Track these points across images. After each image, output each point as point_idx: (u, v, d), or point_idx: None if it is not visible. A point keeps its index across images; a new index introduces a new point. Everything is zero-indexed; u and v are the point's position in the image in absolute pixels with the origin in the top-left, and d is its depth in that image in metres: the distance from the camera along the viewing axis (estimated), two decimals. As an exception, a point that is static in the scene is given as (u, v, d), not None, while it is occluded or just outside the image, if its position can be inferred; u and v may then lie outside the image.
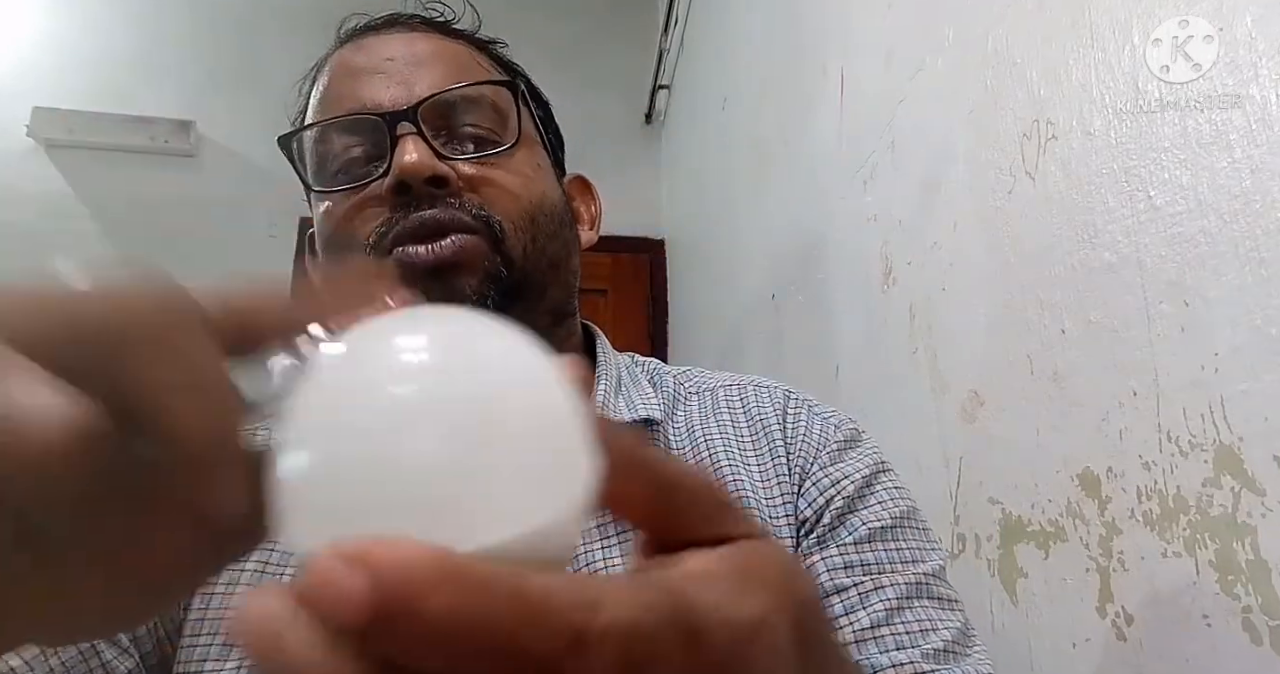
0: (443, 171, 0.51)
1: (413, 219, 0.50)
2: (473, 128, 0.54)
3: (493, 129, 0.55)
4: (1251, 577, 0.47)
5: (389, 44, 0.56)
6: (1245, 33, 0.50)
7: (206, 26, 2.47)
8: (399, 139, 0.51)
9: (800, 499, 0.51)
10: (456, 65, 0.56)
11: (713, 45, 1.93)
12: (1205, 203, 0.53)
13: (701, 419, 0.57)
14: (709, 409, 0.58)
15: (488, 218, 0.51)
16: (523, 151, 0.56)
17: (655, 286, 2.44)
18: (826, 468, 0.52)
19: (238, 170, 2.31)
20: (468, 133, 0.54)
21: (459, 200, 0.51)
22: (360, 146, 0.53)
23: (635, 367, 0.62)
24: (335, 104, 0.55)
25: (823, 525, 0.49)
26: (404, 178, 0.50)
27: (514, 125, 0.55)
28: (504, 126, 0.55)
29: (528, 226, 0.53)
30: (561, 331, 0.58)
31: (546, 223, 0.55)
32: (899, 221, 0.96)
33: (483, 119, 0.55)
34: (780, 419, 0.56)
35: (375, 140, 0.53)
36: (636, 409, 0.54)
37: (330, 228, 0.54)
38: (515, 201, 0.53)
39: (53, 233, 2.18)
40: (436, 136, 0.52)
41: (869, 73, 1.06)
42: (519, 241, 0.52)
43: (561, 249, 0.56)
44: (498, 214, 0.52)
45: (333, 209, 0.54)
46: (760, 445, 0.54)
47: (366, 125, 0.53)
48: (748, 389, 0.59)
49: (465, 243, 0.50)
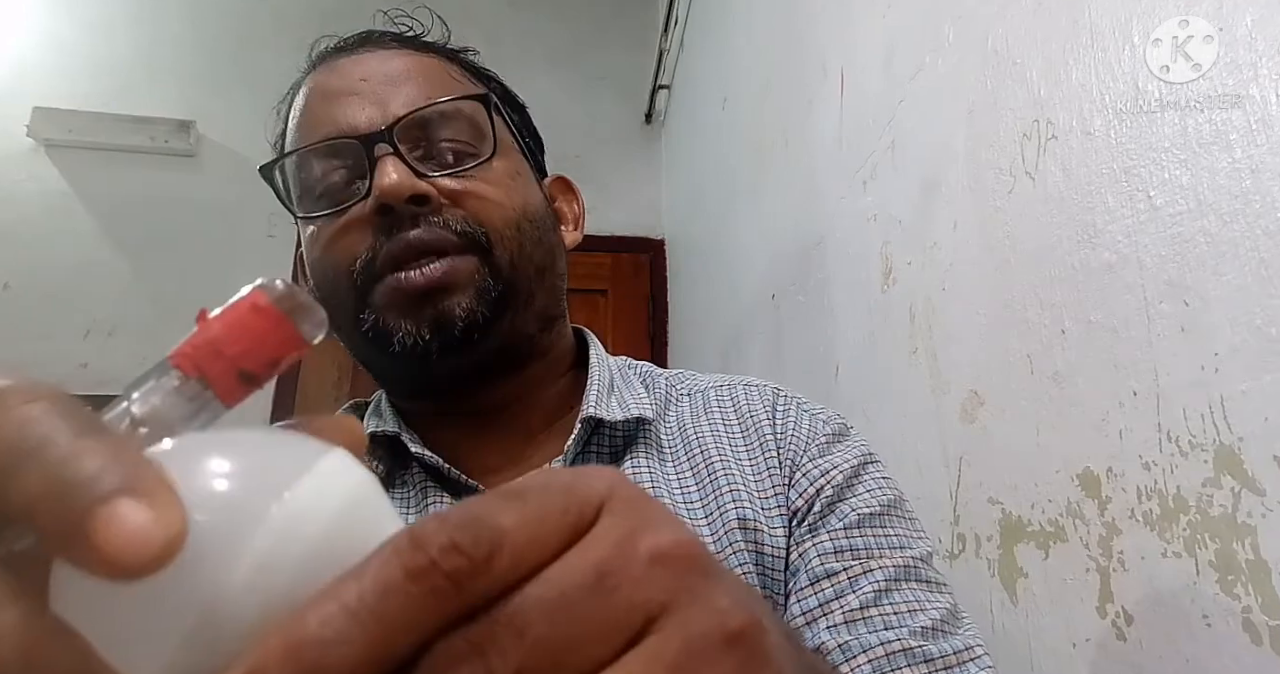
0: (423, 189, 0.51)
1: (397, 241, 0.50)
2: (450, 143, 0.54)
3: (469, 142, 0.55)
4: (1251, 577, 0.47)
5: (362, 64, 0.57)
6: (1245, 33, 0.50)
7: (206, 26, 2.47)
8: (377, 160, 0.51)
9: (791, 490, 0.52)
10: (430, 81, 0.56)
11: (713, 45, 1.93)
12: (1205, 203, 0.53)
13: (693, 418, 0.58)
14: (700, 408, 0.59)
15: (472, 232, 0.52)
16: (501, 161, 0.56)
17: (655, 286, 2.44)
18: (816, 459, 0.53)
19: (237, 170, 2.31)
20: (446, 148, 0.54)
21: (441, 217, 0.51)
22: (341, 169, 0.54)
23: (628, 369, 0.63)
24: (312, 129, 0.55)
25: (814, 514, 0.50)
26: (385, 200, 0.50)
27: (490, 137, 0.55)
28: (481, 138, 0.56)
29: (514, 235, 0.54)
30: (551, 336, 0.58)
31: (531, 229, 0.55)
32: (899, 221, 0.96)
33: (459, 133, 0.55)
34: (770, 415, 0.57)
35: (355, 162, 0.53)
36: (629, 408, 0.55)
37: (317, 253, 0.55)
38: (499, 211, 0.54)
39: (53, 233, 2.18)
40: (414, 153, 0.53)
41: (869, 73, 1.06)
42: (506, 251, 0.53)
43: (547, 255, 0.57)
44: (482, 226, 0.52)
45: (318, 233, 0.54)
46: (751, 441, 0.55)
47: (345, 149, 0.53)
48: (738, 389, 0.60)
49: (455, 264, 0.50)
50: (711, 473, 0.53)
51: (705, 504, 0.51)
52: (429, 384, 0.55)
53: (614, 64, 2.67)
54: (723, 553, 0.48)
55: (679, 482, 0.53)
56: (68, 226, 2.19)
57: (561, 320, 0.60)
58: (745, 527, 0.49)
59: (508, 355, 0.54)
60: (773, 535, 0.50)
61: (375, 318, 0.51)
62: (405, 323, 0.50)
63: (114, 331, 2.12)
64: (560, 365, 0.60)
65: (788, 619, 0.47)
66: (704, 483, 0.52)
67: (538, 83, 0.68)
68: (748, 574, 0.48)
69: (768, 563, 0.49)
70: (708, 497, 0.52)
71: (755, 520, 0.50)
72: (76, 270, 2.16)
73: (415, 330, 0.50)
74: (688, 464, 0.54)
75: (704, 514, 0.51)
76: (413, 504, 0.52)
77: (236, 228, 2.26)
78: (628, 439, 0.55)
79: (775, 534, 0.50)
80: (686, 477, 0.53)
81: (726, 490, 0.51)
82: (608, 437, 0.55)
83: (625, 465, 0.53)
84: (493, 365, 0.54)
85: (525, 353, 0.56)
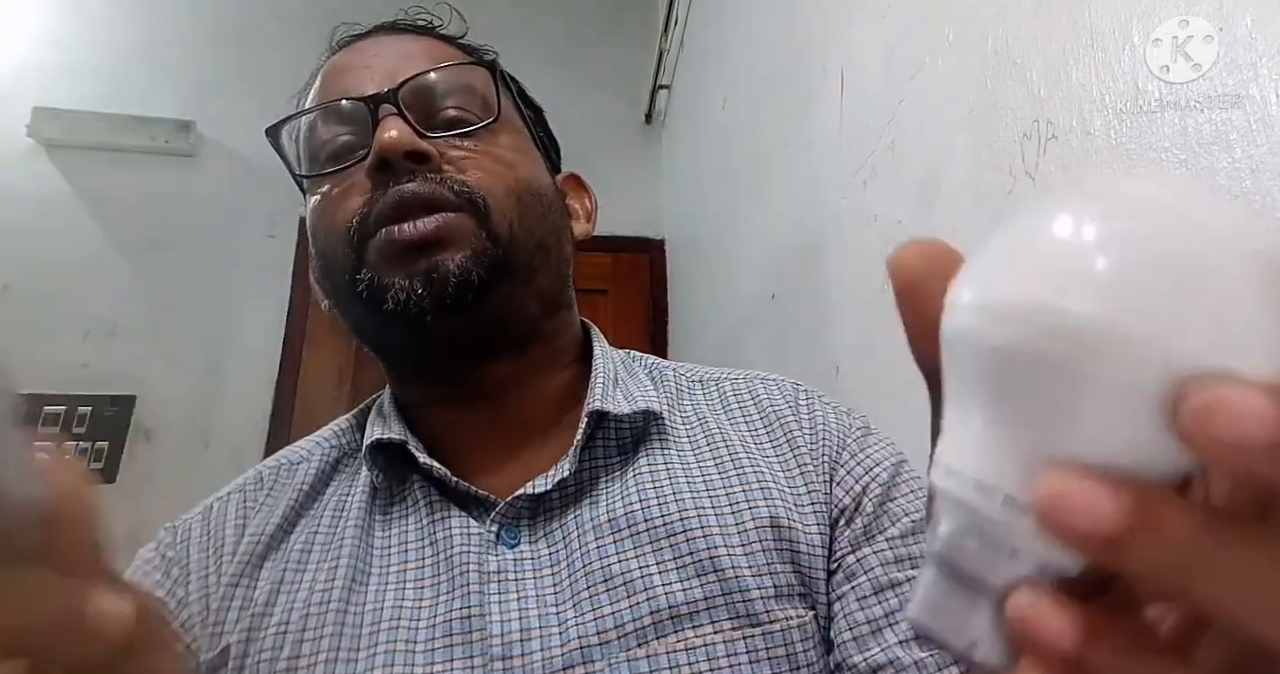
0: (423, 147, 0.51)
1: (392, 193, 0.50)
2: (455, 111, 0.54)
3: (475, 112, 0.55)
4: (1251, 577, 0.47)
5: (377, 44, 0.58)
6: (1245, 33, 0.50)
7: (206, 26, 2.47)
8: (380, 120, 0.51)
9: (836, 487, 0.51)
10: (440, 58, 0.57)
11: (713, 45, 1.93)
12: (1205, 203, 0.53)
13: (711, 411, 0.57)
14: (717, 402, 0.58)
15: (470, 193, 0.51)
16: (506, 135, 0.56)
17: (655, 286, 2.44)
18: (856, 455, 0.53)
19: (238, 170, 2.31)
20: (450, 117, 0.54)
21: (440, 176, 0.51)
22: (346, 135, 0.54)
23: (633, 362, 0.62)
24: (323, 99, 0.56)
25: (865, 514, 0.50)
26: (383, 153, 0.50)
27: (494, 107, 0.55)
28: (486, 109, 0.55)
29: (514, 205, 0.53)
30: (555, 323, 0.58)
31: (534, 203, 0.55)
32: (899, 221, 0.96)
33: (464, 102, 0.55)
34: (794, 411, 0.56)
35: (360, 127, 0.53)
36: (635, 402, 0.54)
37: (316, 216, 0.54)
38: (499, 179, 0.53)
39: (53, 233, 2.18)
40: (420, 121, 0.53)
41: (869, 73, 1.06)
42: (504, 218, 0.52)
43: (551, 234, 0.56)
44: (481, 190, 0.52)
45: (320, 199, 0.54)
46: (776, 437, 0.55)
47: (351, 112, 0.53)
48: (755, 382, 0.59)
49: (450, 219, 0.50)
50: (738, 468, 0.52)
51: (730, 497, 0.50)
52: (427, 353, 0.53)
53: (614, 64, 2.67)
54: (748, 548, 0.48)
55: (701, 472, 0.52)
56: (68, 226, 2.19)
57: (568, 310, 0.60)
58: (778, 524, 0.49)
59: (507, 331, 0.53)
60: (808, 534, 0.49)
61: (371, 276, 0.50)
62: (398, 278, 0.49)
63: (114, 332, 2.12)
64: (565, 356, 0.59)
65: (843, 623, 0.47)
66: (728, 476, 0.52)
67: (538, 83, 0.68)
68: (783, 572, 0.48)
69: (803, 562, 0.48)
70: (733, 490, 0.51)
71: (789, 519, 0.49)
72: (76, 270, 2.16)
73: (408, 285, 0.48)
74: (710, 455, 0.53)
75: (728, 506, 0.50)
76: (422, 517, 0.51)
77: (236, 228, 2.26)
78: (637, 434, 0.54)
79: (810, 533, 0.49)
80: (709, 468, 0.52)
81: (756, 487, 0.51)
82: (614, 430, 0.54)
83: (640, 461, 0.53)
84: (493, 339, 0.53)
85: (526, 333, 0.55)
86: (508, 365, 0.54)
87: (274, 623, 0.47)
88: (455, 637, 0.45)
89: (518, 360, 0.55)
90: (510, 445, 0.55)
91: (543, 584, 0.47)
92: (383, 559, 0.49)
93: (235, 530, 0.52)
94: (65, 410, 1.97)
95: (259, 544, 0.51)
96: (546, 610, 0.46)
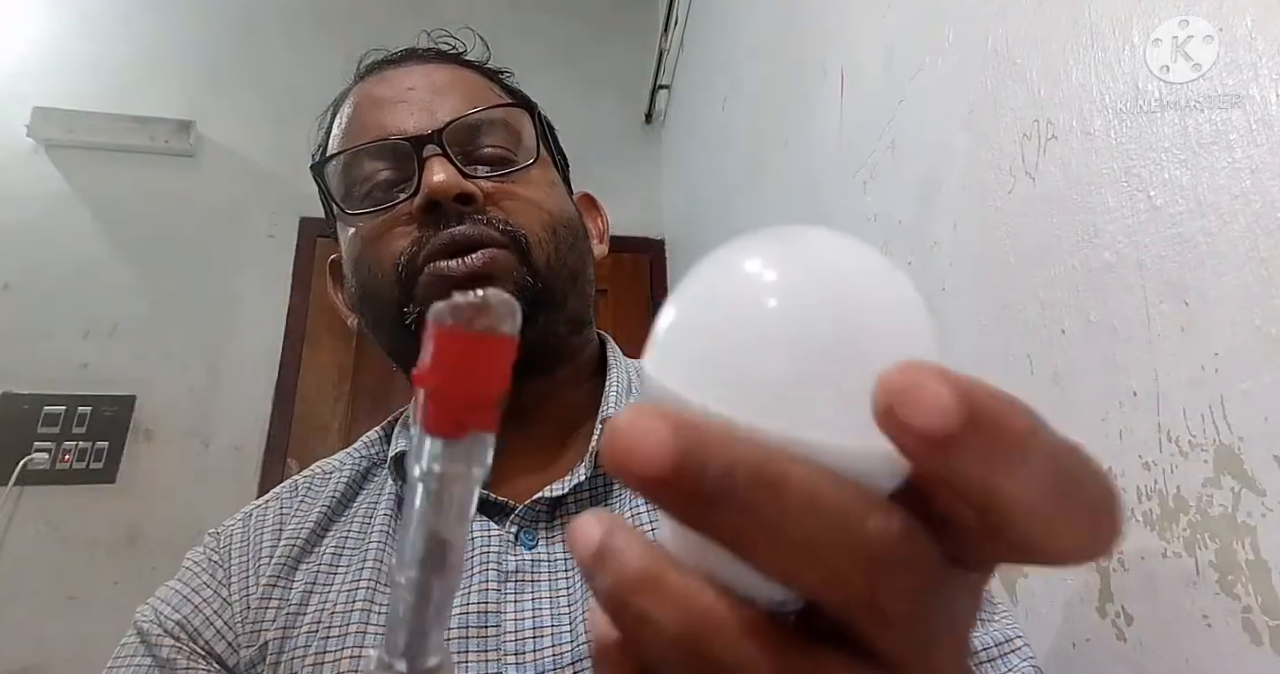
0: (469, 189, 0.53)
1: (443, 235, 0.52)
2: (492, 149, 0.57)
3: (510, 149, 0.58)
4: (1251, 577, 0.47)
5: (409, 75, 0.60)
6: (1245, 33, 0.50)
7: (206, 26, 2.47)
8: (426, 161, 0.54)
9: None
10: (473, 92, 0.59)
11: (713, 45, 1.93)
12: (1205, 203, 0.53)
13: None
14: None
15: (514, 231, 0.54)
16: (539, 169, 0.59)
17: (655, 287, 2.44)
18: None
19: (238, 170, 2.31)
20: (487, 154, 0.57)
21: (485, 216, 0.54)
22: (387, 171, 0.56)
23: None
24: (361, 133, 0.57)
25: None
26: (434, 196, 0.52)
27: (530, 145, 0.59)
28: (519, 146, 0.59)
29: (550, 238, 0.56)
30: (579, 340, 0.60)
31: (566, 234, 0.58)
32: (899, 221, 0.96)
33: (501, 140, 0.58)
34: None
35: (402, 165, 0.56)
36: None
37: (359, 249, 0.56)
38: (537, 215, 0.56)
39: (53, 233, 2.18)
40: (459, 158, 0.55)
41: (869, 73, 1.06)
42: (543, 252, 0.55)
43: (579, 260, 0.59)
44: (523, 228, 0.55)
45: (362, 231, 0.56)
46: None
47: (394, 150, 0.56)
48: None
49: (495, 256, 0.53)
50: None
51: None
52: None
53: (614, 64, 2.67)
54: None
55: None
56: (68, 226, 2.19)
57: (589, 326, 0.62)
58: None
59: (539, 355, 0.56)
60: None
61: (420, 310, 0.53)
62: None
63: (114, 332, 2.12)
64: (586, 369, 0.62)
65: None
66: None
67: (538, 83, 0.69)
68: None
69: None
70: None
71: None
72: (76, 270, 2.16)
73: None
74: None
75: None
76: None
77: (236, 228, 2.26)
78: None
79: None
80: None
81: None
82: None
83: None
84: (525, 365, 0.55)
85: (555, 354, 0.57)
86: (537, 385, 0.57)
87: (307, 622, 0.50)
88: (472, 630, 0.47)
89: (547, 379, 0.58)
90: (530, 455, 0.57)
91: (557, 585, 0.49)
92: None
93: (273, 535, 0.56)
94: (65, 410, 1.97)
95: (294, 548, 0.54)
96: (559, 610, 0.48)
